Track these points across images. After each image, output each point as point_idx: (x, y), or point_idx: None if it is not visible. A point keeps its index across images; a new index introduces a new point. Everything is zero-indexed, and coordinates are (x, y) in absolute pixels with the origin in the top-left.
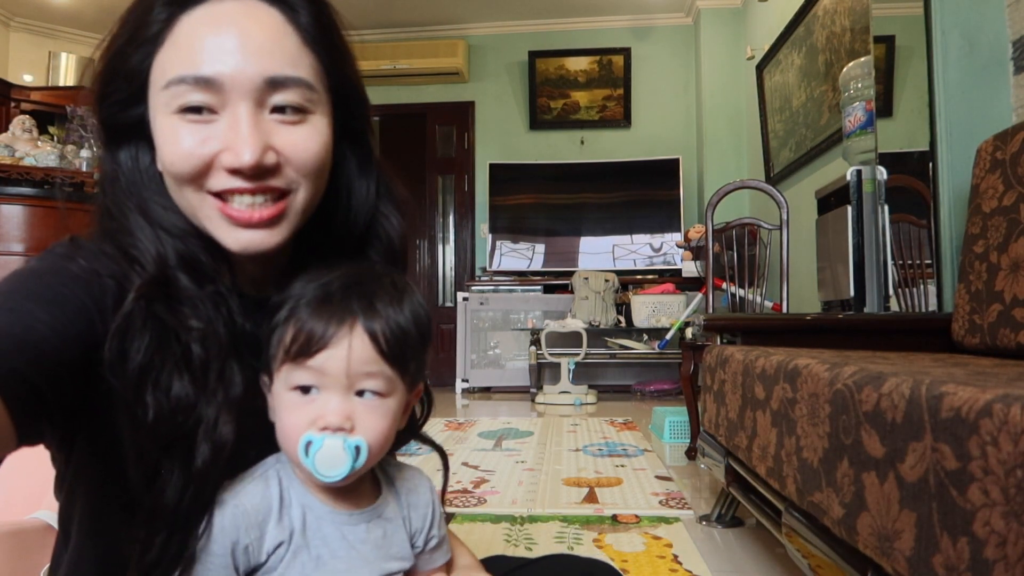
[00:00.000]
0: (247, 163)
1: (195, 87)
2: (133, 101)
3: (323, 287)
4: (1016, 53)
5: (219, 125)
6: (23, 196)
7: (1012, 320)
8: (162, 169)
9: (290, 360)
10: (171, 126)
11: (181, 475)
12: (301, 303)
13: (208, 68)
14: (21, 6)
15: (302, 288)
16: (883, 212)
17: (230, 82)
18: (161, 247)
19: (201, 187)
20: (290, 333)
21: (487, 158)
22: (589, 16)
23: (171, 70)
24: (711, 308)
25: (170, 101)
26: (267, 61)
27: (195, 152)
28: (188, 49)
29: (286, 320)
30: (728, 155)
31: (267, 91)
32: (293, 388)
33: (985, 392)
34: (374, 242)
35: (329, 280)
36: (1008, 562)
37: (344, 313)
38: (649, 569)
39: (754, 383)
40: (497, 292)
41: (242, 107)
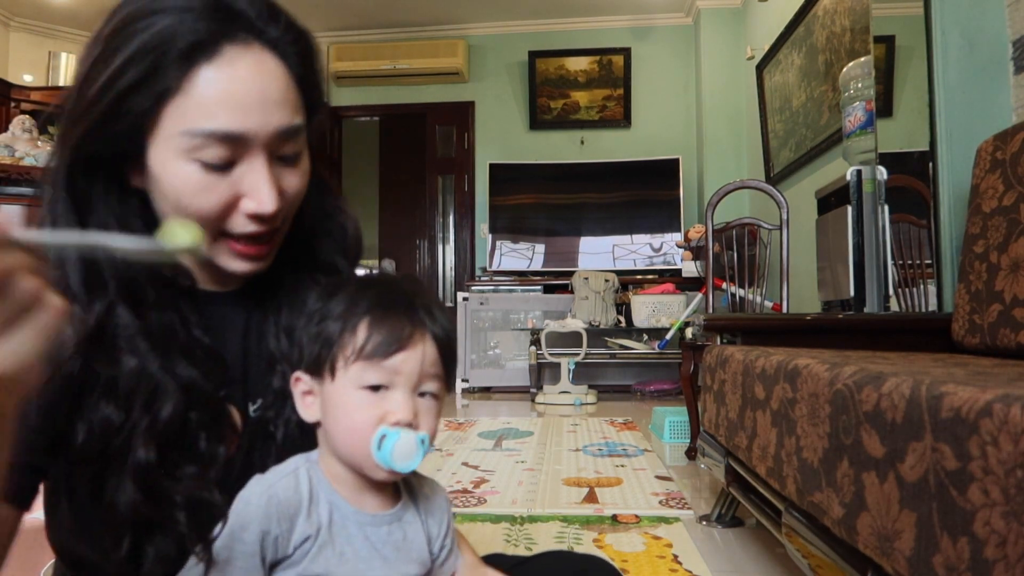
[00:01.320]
0: (269, 212)
1: (218, 142)
2: (127, 139)
3: (383, 296)
4: (1016, 53)
5: (236, 173)
6: (23, 196)
7: (1012, 320)
8: (174, 210)
9: (364, 359)
10: (189, 172)
11: (128, 487)
12: (360, 311)
13: (233, 124)
14: (21, 6)
15: (347, 299)
16: (883, 212)
17: (252, 137)
18: (101, 286)
19: (215, 228)
20: (362, 336)
21: (487, 158)
22: (589, 16)
23: (192, 122)
24: (711, 308)
25: (189, 149)
26: (279, 114)
27: (219, 201)
28: (210, 104)
29: (348, 326)
30: (728, 155)
31: (279, 143)
32: (364, 387)
33: (985, 392)
34: (325, 239)
35: (384, 290)
36: (1008, 562)
37: (415, 318)
38: (649, 569)
39: (754, 383)
40: (497, 292)
41: (260, 158)
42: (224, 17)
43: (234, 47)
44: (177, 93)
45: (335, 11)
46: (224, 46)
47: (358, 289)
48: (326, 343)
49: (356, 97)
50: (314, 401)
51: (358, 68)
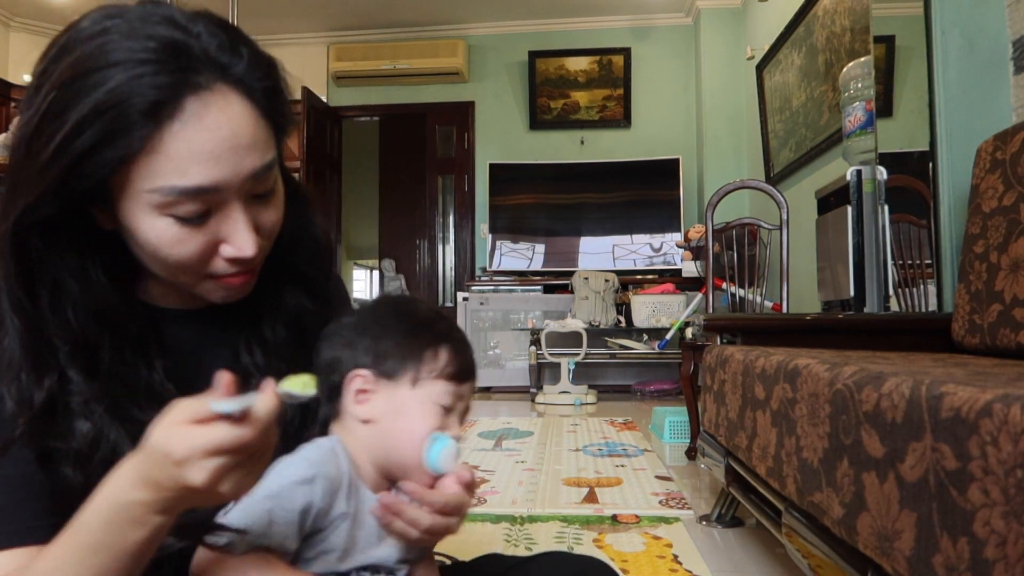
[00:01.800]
0: (249, 256)
1: (191, 198)
2: (86, 197)
3: (453, 329)
4: (1016, 53)
5: (213, 223)
6: None
7: (1012, 320)
8: (151, 261)
9: (445, 379)
10: (163, 227)
11: None
12: (441, 336)
13: (205, 179)
14: (21, 6)
15: (422, 322)
16: (883, 212)
17: (226, 187)
18: (51, 356)
19: (198, 272)
20: (445, 359)
21: (487, 158)
22: (589, 16)
23: (162, 179)
24: (711, 308)
25: (160, 206)
26: (251, 158)
27: (197, 251)
28: (180, 161)
29: (433, 346)
30: (728, 155)
31: (252, 184)
32: (437, 403)
33: (985, 392)
34: (298, 250)
35: (449, 324)
36: (1008, 562)
37: (470, 352)
38: (649, 569)
39: (754, 383)
40: (497, 292)
41: (236, 205)
42: (184, 65)
43: (198, 98)
44: (142, 152)
45: (335, 11)
46: (187, 99)
47: (426, 316)
48: (412, 355)
49: (356, 97)
50: (370, 399)
51: (358, 68)
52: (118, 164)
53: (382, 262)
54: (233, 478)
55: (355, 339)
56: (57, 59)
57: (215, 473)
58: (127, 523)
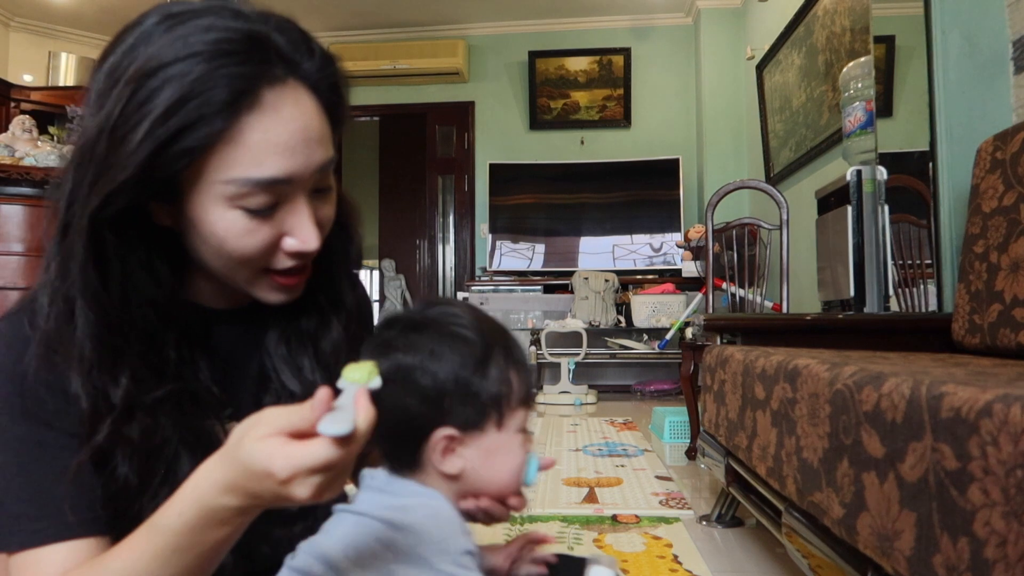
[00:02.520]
0: (313, 249)
1: (264, 190)
2: (160, 188)
3: (504, 335)
4: (1016, 53)
5: (278, 216)
6: (23, 196)
7: (1012, 320)
8: (214, 253)
9: (522, 406)
10: (233, 219)
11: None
12: (503, 359)
13: (279, 171)
14: (21, 6)
15: (484, 348)
16: (883, 212)
17: (296, 179)
18: (123, 352)
19: (257, 266)
20: (516, 384)
21: (487, 158)
22: (589, 16)
23: (238, 171)
24: (711, 308)
25: (232, 197)
26: (319, 151)
27: (263, 244)
28: (256, 152)
29: (505, 378)
30: (728, 155)
31: (318, 178)
32: (519, 431)
33: (985, 392)
34: (328, 258)
35: (496, 328)
36: (1008, 562)
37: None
38: (649, 569)
39: (754, 383)
40: (497, 292)
41: (302, 198)
42: (261, 57)
43: (273, 90)
44: (219, 141)
45: (335, 11)
46: (264, 91)
47: (481, 333)
48: (491, 400)
49: (356, 97)
50: (458, 453)
51: (358, 68)
52: (198, 153)
53: (382, 262)
54: (332, 488)
55: (427, 389)
56: (131, 53)
57: (319, 488)
58: (214, 525)
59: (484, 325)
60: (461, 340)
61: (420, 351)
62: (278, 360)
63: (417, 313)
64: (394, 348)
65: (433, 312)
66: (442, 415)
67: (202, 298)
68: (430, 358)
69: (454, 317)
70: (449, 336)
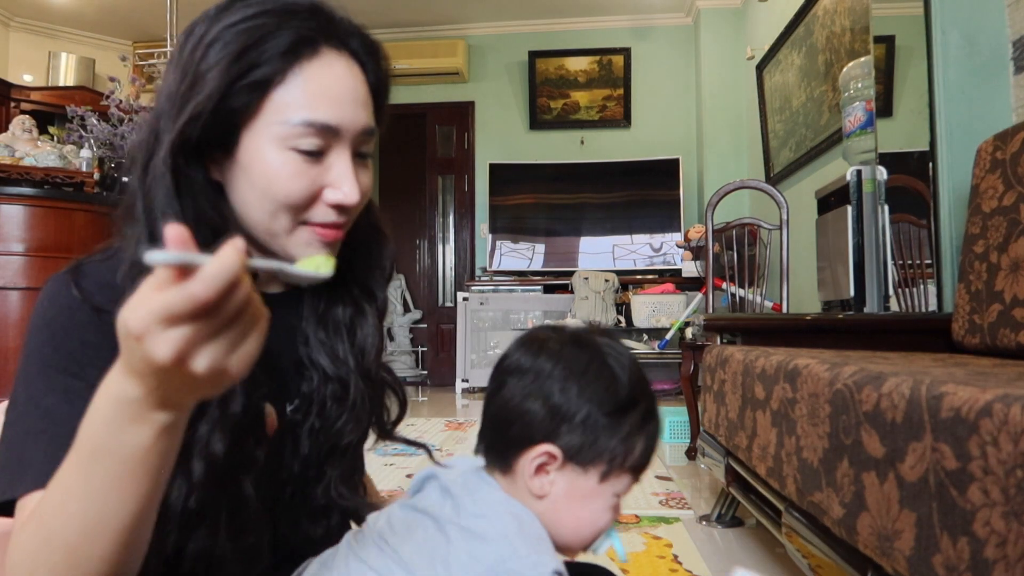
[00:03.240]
0: (353, 202)
1: (316, 133)
2: (228, 125)
3: (652, 401)
4: (1016, 53)
5: (323, 165)
6: (23, 196)
7: (1012, 320)
8: (260, 195)
9: (630, 472)
10: (285, 161)
11: (183, 483)
12: (640, 424)
13: (331, 117)
14: (21, 6)
15: (629, 402)
16: (883, 212)
17: (344, 131)
18: None
19: (298, 216)
20: (638, 452)
21: (487, 158)
22: (589, 16)
23: (294, 111)
24: (711, 308)
25: (286, 137)
26: (365, 114)
27: (308, 187)
28: (314, 98)
29: (632, 440)
30: (728, 155)
31: (360, 139)
32: (615, 494)
33: (985, 392)
34: (366, 256)
35: (641, 391)
36: (1008, 562)
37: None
38: (649, 569)
39: (754, 383)
40: (497, 292)
41: (347, 152)
42: (325, 23)
43: (330, 49)
44: (280, 84)
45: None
46: (322, 47)
47: (633, 383)
48: (611, 450)
49: None
50: (551, 476)
51: None
52: (263, 89)
53: None
54: (207, 353)
55: (556, 402)
56: (216, 19)
57: (179, 345)
58: (126, 421)
59: (639, 378)
60: (612, 378)
61: (571, 365)
62: (315, 345)
63: (584, 331)
64: (548, 350)
65: (600, 339)
66: (556, 434)
67: None
68: (576, 376)
69: (618, 354)
70: (604, 367)
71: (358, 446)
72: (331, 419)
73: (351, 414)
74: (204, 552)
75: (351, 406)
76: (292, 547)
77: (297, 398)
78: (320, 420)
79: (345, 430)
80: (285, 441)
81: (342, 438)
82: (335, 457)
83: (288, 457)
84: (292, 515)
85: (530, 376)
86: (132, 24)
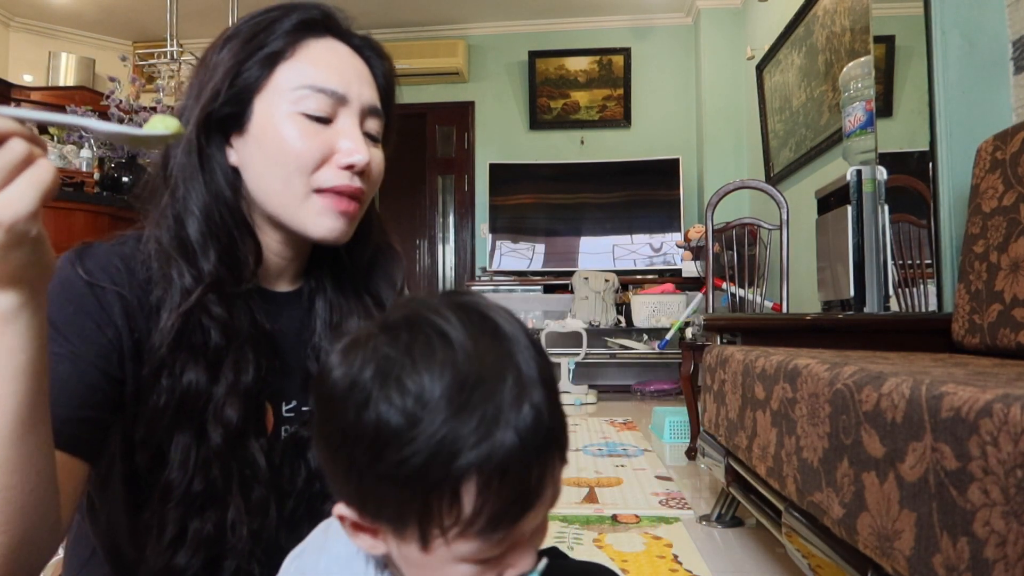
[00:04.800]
0: (362, 162)
1: (325, 96)
2: (241, 99)
3: (486, 396)
4: (1016, 53)
5: (332, 130)
6: None
7: (1012, 320)
8: (273, 162)
9: (477, 537)
10: (294, 124)
11: (190, 454)
12: (458, 457)
13: (337, 85)
14: (21, 6)
15: (426, 412)
16: (883, 212)
17: (351, 99)
18: (215, 238)
19: (310, 181)
20: (470, 506)
21: (487, 158)
22: (589, 16)
23: (302, 78)
24: (711, 308)
25: (296, 102)
26: (369, 93)
27: (318, 148)
28: (319, 66)
29: (442, 487)
30: (728, 155)
31: (366, 116)
32: (475, 560)
33: (985, 392)
34: (378, 270)
35: (476, 378)
36: (1008, 562)
37: (543, 443)
38: (649, 569)
39: (754, 383)
40: (497, 292)
41: (354, 119)
42: (327, 16)
43: (337, 38)
44: (288, 59)
45: None
46: (328, 34)
47: (469, 362)
48: (411, 510)
49: None
50: (373, 537)
51: None
52: (269, 66)
53: None
54: None
55: (325, 449)
56: (230, 30)
57: None
58: None
59: (484, 349)
60: (428, 367)
61: (364, 365)
62: (325, 356)
63: (411, 306)
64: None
65: (421, 306)
66: (346, 477)
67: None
68: (374, 380)
69: (441, 320)
70: (420, 354)
71: None
72: None
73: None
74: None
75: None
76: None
77: (295, 399)
78: None
79: None
80: (285, 458)
81: None
82: None
83: (290, 474)
84: (296, 528)
85: (315, 436)
86: (132, 24)
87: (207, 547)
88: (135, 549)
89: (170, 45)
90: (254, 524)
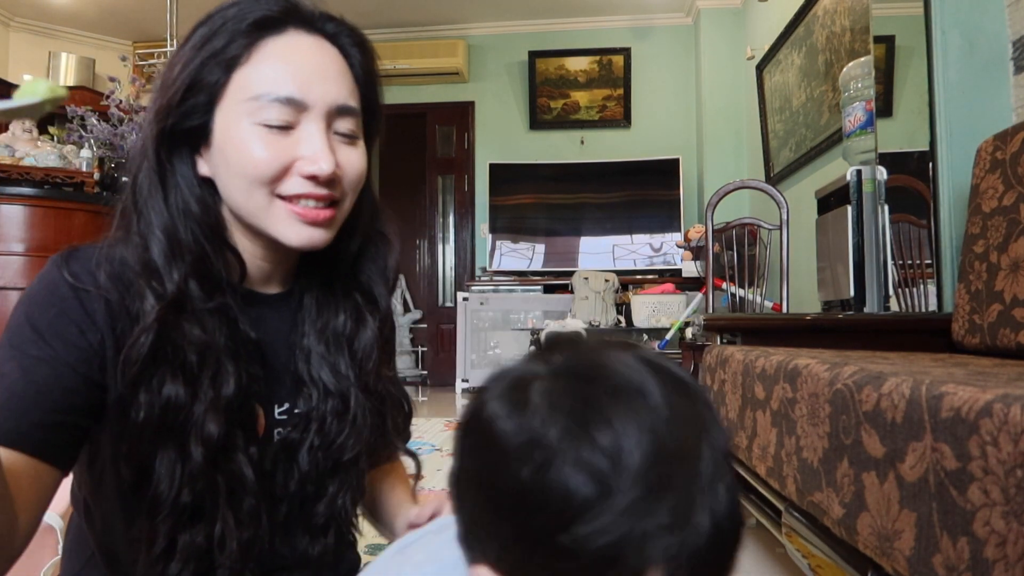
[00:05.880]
0: (325, 172)
1: (282, 105)
2: (200, 110)
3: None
4: (1016, 53)
5: (294, 138)
6: (23, 196)
7: (1012, 320)
8: (234, 173)
9: None
10: (253, 135)
11: (176, 468)
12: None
13: (293, 91)
14: (21, 6)
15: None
16: (883, 212)
17: (311, 104)
18: (180, 257)
19: (273, 190)
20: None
21: (487, 158)
22: (589, 16)
23: (258, 87)
24: (711, 308)
25: (254, 112)
26: (337, 91)
27: (277, 159)
28: (275, 70)
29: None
30: (728, 155)
31: (335, 116)
32: None
33: (985, 392)
34: (369, 263)
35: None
36: (1008, 562)
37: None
38: None
39: (754, 383)
40: (497, 292)
41: (318, 125)
42: (290, 6)
43: (298, 30)
44: (245, 63)
45: (335, 11)
46: (289, 27)
47: (664, 442)
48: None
49: None
50: None
51: None
52: (225, 72)
53: None
54: None
55: (487, 511)
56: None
57: None
58: None
59: (682, 415)
60: (627, 423)
61: (546, 424)
62: (316, 361)
63: (592, 349)
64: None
65: (600, 352)
66: (507, 542)
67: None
68: (551, 442)
69: (634, 373)
70: (614, 411)
71: (359, 460)
72: (331, 435)
73: (352, 429)
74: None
75: (351, 421)
76: (286, 565)
77: (296, 418)
78: (320, 437)
79: (347, 445)
80: (278, 462)
81: (344, 454)
82: (337, 473)
83: (283, 477)
84: (289, 532)
85: (459, 480)
86: (132, 24)
87: (198, 559)
88: (130, 555)
89: (170, 45)
90: (246, 534)
